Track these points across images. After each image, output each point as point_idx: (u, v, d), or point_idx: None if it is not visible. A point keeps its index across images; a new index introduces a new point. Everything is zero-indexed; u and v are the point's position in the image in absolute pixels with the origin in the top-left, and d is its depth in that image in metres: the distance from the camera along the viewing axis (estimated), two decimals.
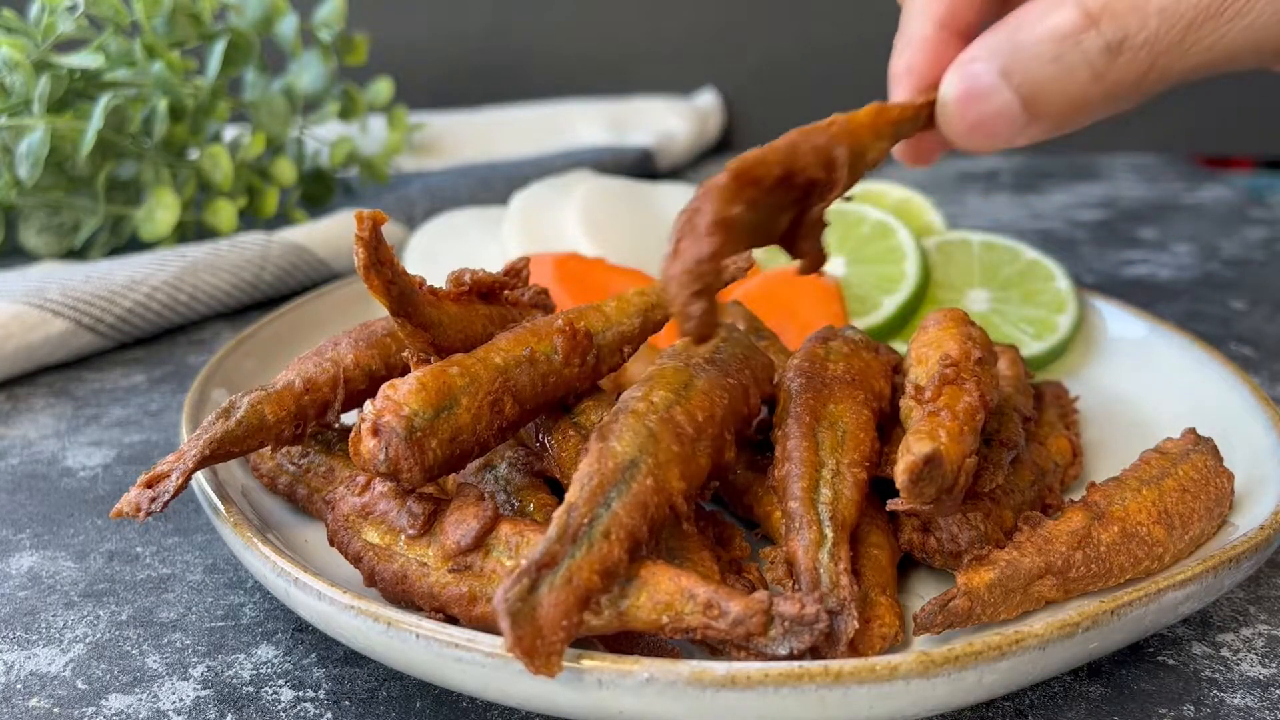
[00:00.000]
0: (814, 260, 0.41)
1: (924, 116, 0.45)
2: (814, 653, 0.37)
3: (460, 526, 0.39)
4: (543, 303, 0.51)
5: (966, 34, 0.47)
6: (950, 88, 0.44)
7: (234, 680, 0.42)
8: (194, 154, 0.89)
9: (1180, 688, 0.42)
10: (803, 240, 0.40)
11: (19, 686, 0.42)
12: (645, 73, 1.35)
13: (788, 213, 0.39)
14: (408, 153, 1.15)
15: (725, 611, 0.36)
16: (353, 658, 0.43)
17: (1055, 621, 0.36)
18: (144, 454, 0.60)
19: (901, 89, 0.49)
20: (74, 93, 0.82)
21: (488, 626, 0.38)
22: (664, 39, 1.35)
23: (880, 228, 0.71)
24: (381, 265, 0.41)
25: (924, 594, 0.44)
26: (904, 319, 0.67)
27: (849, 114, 0.41)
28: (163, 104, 0.82)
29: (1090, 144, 1.27)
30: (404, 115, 1.09)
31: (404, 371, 0.47)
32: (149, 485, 0.43)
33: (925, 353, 0.45)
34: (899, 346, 0.63)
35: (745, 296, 0.64)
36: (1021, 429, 0.47)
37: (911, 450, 0.39)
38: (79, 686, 0.42)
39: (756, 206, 0.36)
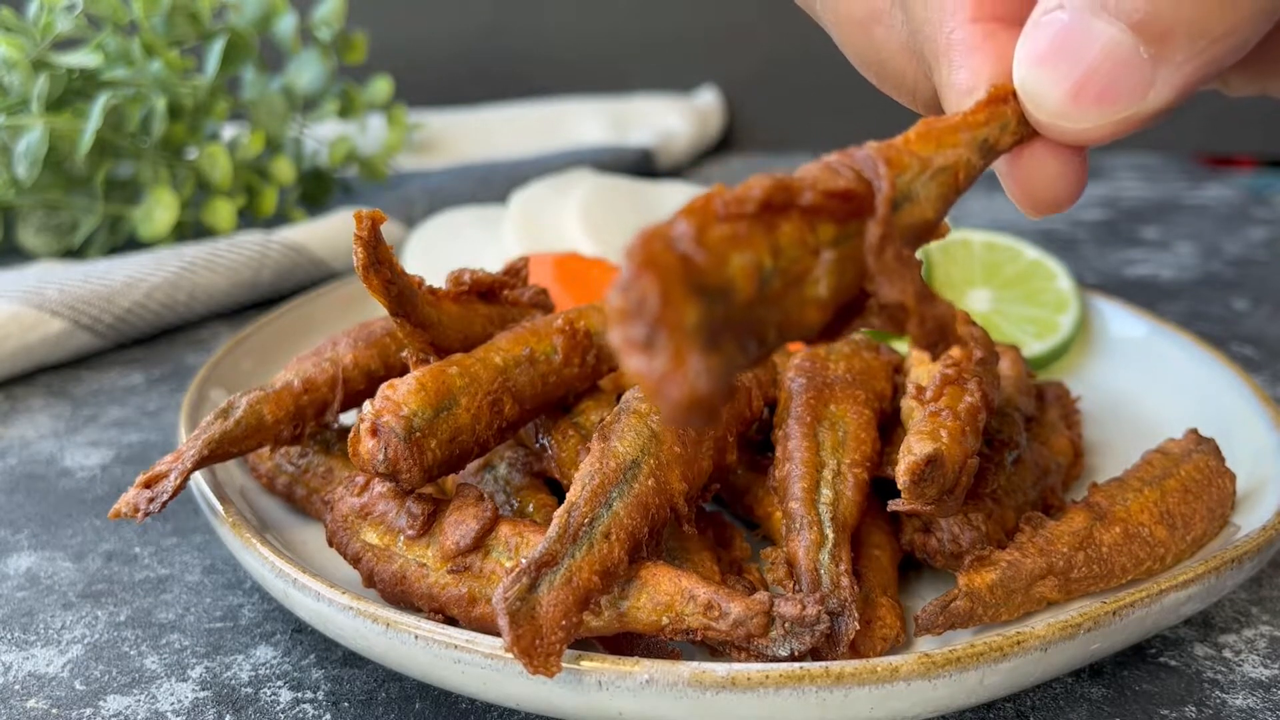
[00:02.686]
0: (930, 323, 0.27)
1: (1012, 122, 0.32)
2: (815, 654, 0.37)
3: (459, 527, 0.39)
4: (542, 302, 0.51)
5: (1015, 19, 0.34)
6: (1027, 54, 0.31)
7: (232, 681, 0.42)
8: (192, 153, 0.89)
9: (1182, 689, 0.42)
10: (883, 284, 0.26)
11: (17, 687, 0.42)
12: (645, 70, 1.35)
13: (829, 248, 0.25)
14: (407, 152, 1.14)
15: (726, 612, 0.36)
16: (352, 659, 0.43)
17: (1057, 622, 0.36)
18: (142, 454, 0.60)
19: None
20: (72, 92, 0.81)
21: (487, 627, 0.38)
22: (664, 36, 1.34)
23: None
24: (380, 265, 0.41)
25: (925, 595, 0.44)
26: None
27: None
28: (161, 103, 0.82)
29: None
30: (403, 114, 1.09)
31: (403, 372, 0.47)
32: (147, 485, 0.43)
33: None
34: (900, 347, 0.63)
35: None
36: (1023, 429, 0.47)
37: (913, 451, 0.39)
38: (77, 687, 0.42)
39: (751, 243, 0.23)
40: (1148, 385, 0.60)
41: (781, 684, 0.34)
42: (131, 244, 0.87)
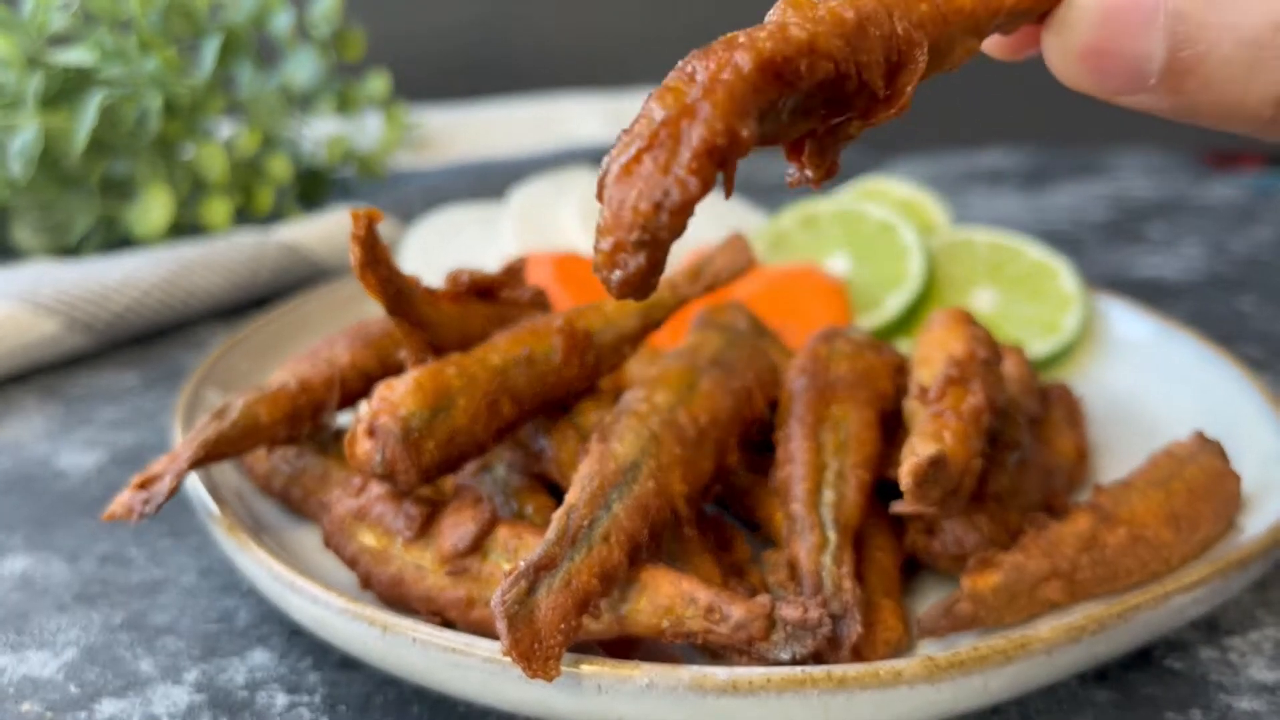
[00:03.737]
0: (826, 172, 0.30)
1: (1041, 9, 0.31)
2: (817, 658, 0.36)
3: (457, 529, 0.39)
4: (541, 302, 0.50)
5: None
6: None
7: (228, 685, 0.42)
8: (188, 151, 0.89)
9: (1187, 692, 0.41)
10: (816, 153, 0.29)
11: (11, 690, 0.41)
12: (644, 62, 1.34)
13: (811, 120, 0.28)
14: (404, 150, 1.14)
15: (727, 616, 0.35)
16: (349, 662, 0.43)
17: (1061, 625, 0.36)
18: (137, 455, 0.59)
19: None
20: (68, 89, 0.81)
21: (485, 630, 0.37)
22: (664, 30, 1.34)
23: (884, 226, 0.70)
24: (377, 264, 0.41)
25: (929, 597, 0.44)
26: (909, 318, 0.66)
27: None
28: (157, 101, 0.82)
29: (1098, 140, 1.26)
30: (400, 112, 1.08)
31: (400, 372, 0.46)
32: (142, 487, 0.42)
33: (930, 353, 0.45)
34: (903, 346, 0.63)
35: (747, 295, 0.63)
36: (1027, 430, 0.47)
37: (916, 452, 0.38)
38: (71, 691, 0.41)
39: (774, 114, 0.26)
40: (1153, 386, 0.59)
41: (783, 688, 0.33)
42: (127, 242, 0.87)
